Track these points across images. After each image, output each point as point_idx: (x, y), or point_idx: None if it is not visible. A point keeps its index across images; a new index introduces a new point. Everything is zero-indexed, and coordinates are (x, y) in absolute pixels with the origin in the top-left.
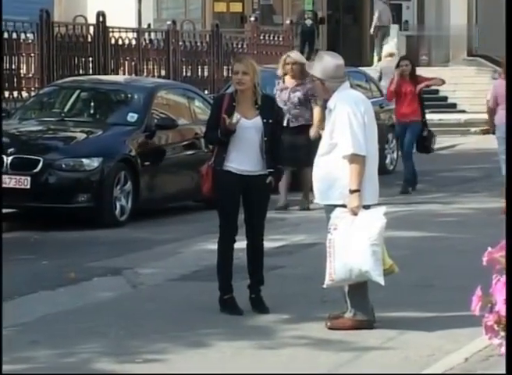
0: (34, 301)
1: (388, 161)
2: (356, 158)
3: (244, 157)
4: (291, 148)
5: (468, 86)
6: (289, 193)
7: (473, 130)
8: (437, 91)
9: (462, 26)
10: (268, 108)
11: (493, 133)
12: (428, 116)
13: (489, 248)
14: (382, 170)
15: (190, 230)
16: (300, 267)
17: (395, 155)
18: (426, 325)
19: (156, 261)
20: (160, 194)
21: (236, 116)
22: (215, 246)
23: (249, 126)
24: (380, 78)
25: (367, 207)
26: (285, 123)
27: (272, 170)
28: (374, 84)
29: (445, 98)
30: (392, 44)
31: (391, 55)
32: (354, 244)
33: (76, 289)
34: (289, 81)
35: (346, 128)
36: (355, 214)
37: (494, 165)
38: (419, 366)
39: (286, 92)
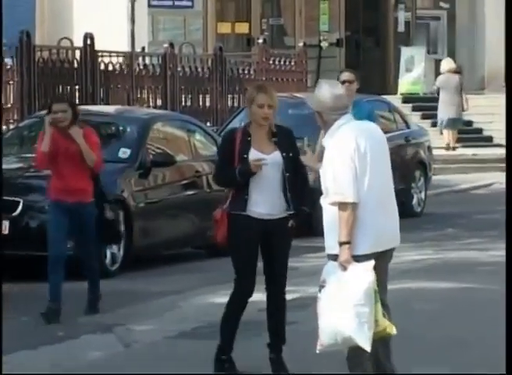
0: (12, 364)
1: (415, 202)
2: (342, 206)
3: (264, 199)
4: None
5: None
6: (301, 239)
7: None
8: (471, 123)
9: (498, 47)
10: (285, 140)
11: None
12: (461, 151)
13: None
14: (409, 213)
15: (189, 280)
16: (314, 322)
17: (423, 195)
18: None
19: (151, 316)
20: (156, 240)
21: (260, 158)
22: (218, 299)
23: (268, 163)
24: (438, 93)
25: (358, 258)
26: None
27: (292, 212)
28: (398, 115)
29: (480, 130)
30: (450, 60)
31: (451, 70)
32: (338, 305)
33: (61, 348)
34: None
35: (329, 172)
36: (344, 269)
37: None
38: None
39: None
